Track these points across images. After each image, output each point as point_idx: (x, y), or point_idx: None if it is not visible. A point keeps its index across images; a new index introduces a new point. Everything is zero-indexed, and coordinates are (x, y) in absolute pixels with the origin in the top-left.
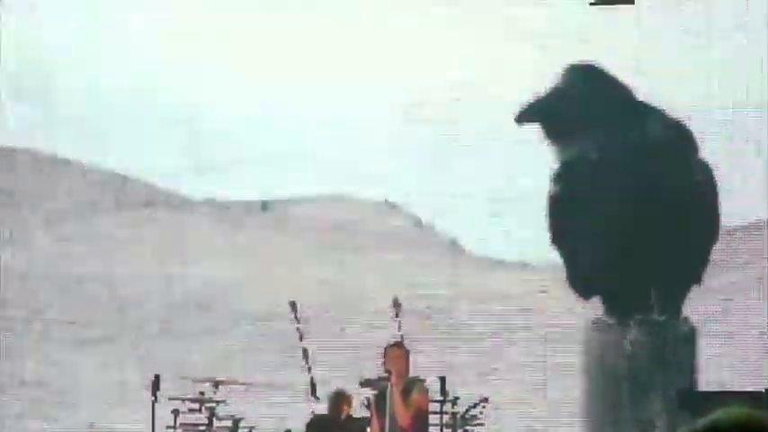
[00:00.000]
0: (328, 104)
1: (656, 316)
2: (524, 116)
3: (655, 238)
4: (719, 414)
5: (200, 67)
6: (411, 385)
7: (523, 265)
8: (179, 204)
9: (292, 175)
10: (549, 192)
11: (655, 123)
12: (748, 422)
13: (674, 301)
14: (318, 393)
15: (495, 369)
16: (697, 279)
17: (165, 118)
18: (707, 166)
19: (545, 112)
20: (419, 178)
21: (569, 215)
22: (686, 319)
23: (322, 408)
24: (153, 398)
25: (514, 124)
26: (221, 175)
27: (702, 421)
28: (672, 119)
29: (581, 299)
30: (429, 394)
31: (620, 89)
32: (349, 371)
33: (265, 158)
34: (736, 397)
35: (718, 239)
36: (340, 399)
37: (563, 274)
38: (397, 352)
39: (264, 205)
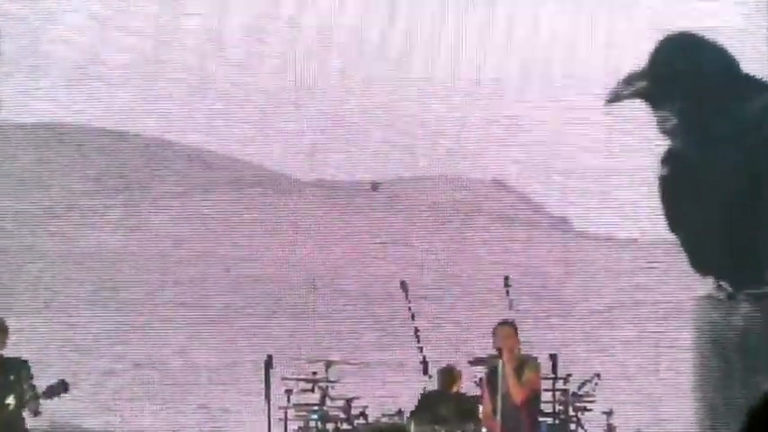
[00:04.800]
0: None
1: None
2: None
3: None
4: None
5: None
6: (523, 363)
7: (633, 241)
8: (289, 186)
9: (402, 155)
10: (659, 173)
11: (762, 97)
12: None
13: None
14: (431, 372)
15: (607, 346)
16: None
17: (271, 100)
18: None
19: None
20: (528, 156)
21: (681, 197)
22: None
23: (434, 386)
24: (265, 378)
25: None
26: (331, 156)
27: None
28: None
29: (699, 277)
30: (541, 372)
31: (724, 60)
32: (460, 349)
33: (375, 139)
34: None
35: None
36: (449, 375)
37: (673, 249)
38: (508, 330)
39: (375, 186)
